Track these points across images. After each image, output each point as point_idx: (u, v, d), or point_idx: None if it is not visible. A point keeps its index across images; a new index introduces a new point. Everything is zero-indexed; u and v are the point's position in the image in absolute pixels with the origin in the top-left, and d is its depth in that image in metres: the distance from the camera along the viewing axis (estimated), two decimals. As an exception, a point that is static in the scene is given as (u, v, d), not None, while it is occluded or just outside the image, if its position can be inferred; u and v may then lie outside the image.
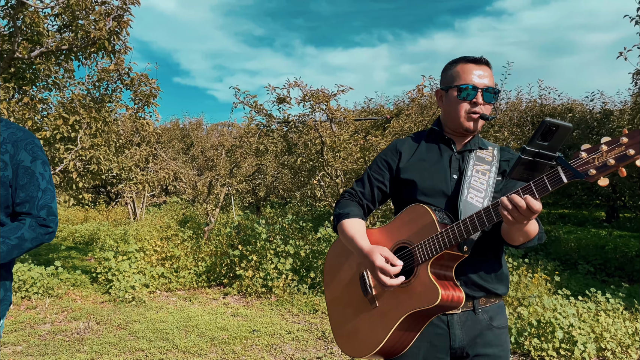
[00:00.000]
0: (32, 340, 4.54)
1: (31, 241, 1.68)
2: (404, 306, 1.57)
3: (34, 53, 6.25)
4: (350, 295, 1.76)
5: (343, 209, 1.78)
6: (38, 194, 1.71)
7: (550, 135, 1.28)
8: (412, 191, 1.69)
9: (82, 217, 15.20)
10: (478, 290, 1.65)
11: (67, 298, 6.16)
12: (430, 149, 1.76)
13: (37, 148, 1.75)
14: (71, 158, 6.10)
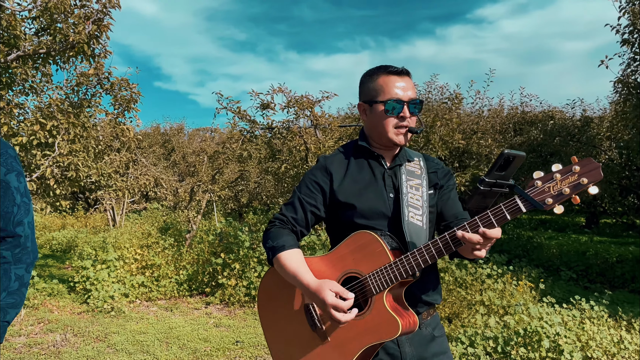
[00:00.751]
0: (6, 353, 4.36)
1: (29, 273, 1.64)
2: (362, 339, 1.49)
3: (11, 57, 6.07)
4: (295, 330, 1.64)
5: (277, 240, 1.62)
6: (14, 210, 1.60)
7: (507, 165, 1.30)
8: (350, 214, 1.62)
9: (59, 223, 14.86)
10: (423, 306, 1.64)
11: (44, 309, 5.97)
12: (361, 167, 1.68)
13: (10, 159, 1.65)
14: (48, 164, 5.92)
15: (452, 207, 1.66)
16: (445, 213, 1.66)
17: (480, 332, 4.03)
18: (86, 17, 6.00)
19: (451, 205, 1.66)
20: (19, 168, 1.67)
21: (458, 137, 6.75)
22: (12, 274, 1.58)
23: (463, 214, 1.66)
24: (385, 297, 1.47)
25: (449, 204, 1.66)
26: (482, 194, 1.32)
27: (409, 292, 1.58)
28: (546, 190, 1.25)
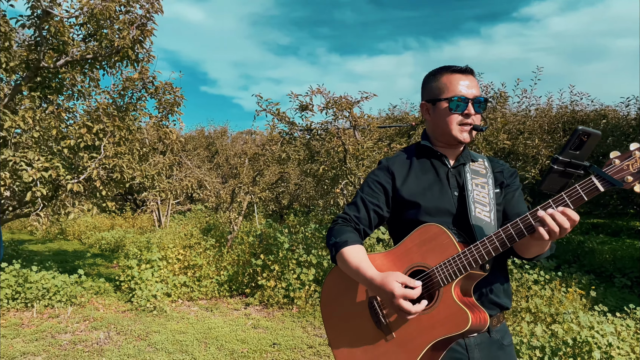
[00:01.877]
0: (52, 350, 4.51)
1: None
2: (430, 333, 1.44)
3: (60, 62, 6.31)
4: (358, 329, 1.61)
5: (339, 236, 1.62)
6: None
7: (582, 144, 1.26)
8: (415, 212, 1.60)
9: (108, 224, 15.38)
10: (494, 307, 1.58)
11: (90, 306, 6.16)
12: (424, 166, 1.67)
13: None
14: (95, 166, 6.11)
15: (515, 206, 1.62)
16: (508, 212, 1.61)
17: (526, 341, 3.84)
18: (130, 23, 6.15)
19: (515, 204, 1.62)
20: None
21: (503, 138, 6.51)
22: None
23: (525, 211, 1.61)
24: (454, 289, 1.42)
25: (513, 203, 1.62)
26: (556, 172, 1.27)
27: (479, 292, 1.54)
28: (625, 168, 1.20)
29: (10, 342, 4.72)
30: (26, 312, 5.79)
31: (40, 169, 5.74)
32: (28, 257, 9.63)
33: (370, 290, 1.55)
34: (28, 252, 11.07)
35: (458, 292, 1.45)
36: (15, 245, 11.84)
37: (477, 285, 1.53)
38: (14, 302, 5.88)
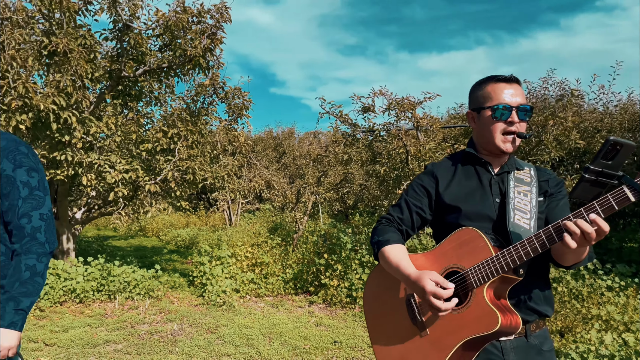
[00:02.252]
0: (131, 339, 4.89)
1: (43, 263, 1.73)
2: (460, 333, 1.50)
3: (139, 71, 6.78)
4: (396, 325, 1.69)
5: (382, 235, 1.71)
6: (18, 202, 1.72)
7: (614, 154, 1.27)
8: (456, 216, 1.65)
9: (184, 222, 16.20)
10: (531, 314, 1.59)
11: (166, 300, 6.57)
12: (468, 173, 1.72)
13: (21, 155, 1.75)
14: (170, 168, 6.52)
15: (558, 214, 1.61)
16: (550, 220, 1.61)
17: (594, 349, 3.70)
18: (202, 32, 6.50)
19: (558, 212, 1.62)
20: (30, 164, 1.76)
21: (575, 137, 6.23)
22: (22, 265, 1.69)
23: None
24: (486, 291, 1.47)
25: (557, 211, 1.63)
26: (588, 181, 1.29)
27: (517, 298, 1.58)
28: None
29: (95, 330, 5.16)
30: (109, 303, 6.29)
31: (121, 171, 6.21)
32: (112, 253, 10.38)
33: (407, 286, 1.62)
34: (112, 247, 11.93)
35: (491, 294, 1.49)
36: (101, 241, 12.80)
37: (515, 291, 1.55)
38: (98, 294, 6.40)
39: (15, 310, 1.64)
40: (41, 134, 5.91)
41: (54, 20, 5.92)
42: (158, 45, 6.95)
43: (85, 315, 5.77)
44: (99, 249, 10.90)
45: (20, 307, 1.65)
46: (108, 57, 6.71)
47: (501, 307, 1.48)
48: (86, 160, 6.04)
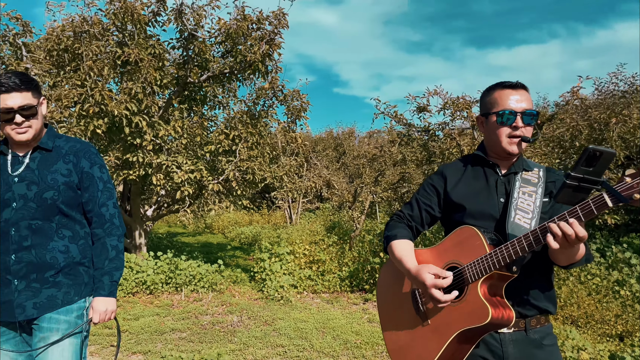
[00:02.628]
0: (194, 328, 5.23)
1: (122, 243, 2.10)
2: (456, 324, 1.59)
3: (203, 77, 7.19)
4: (403, 312, 1.81)
5: (391, 230, 1.85)
6: (98, 194, 2.06)
7: (595, 161, 1.31)
8: (461, 215, 1.74)
9: (247, 220, 16.77)
10: (531, 309, 1.66)
11: (228, 293, 6.92)
12: (476, 174, 1.79)
13: (93, 155, 2.08)
14: (231, 169, 6.87)
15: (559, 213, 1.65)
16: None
17: (653, 355, 3.58)
18: (261, 39, 6.79)
19: (559, 211, 1.66)
20: (101, 162, 2.10)
21: (644, 134, 5.94)
22: (108, 245, 2.05)
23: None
24: (480, 286, 1.56)
25: (557, 210, 1.66)
26: (570, 187, 1.34)
27: (517, 294, 1.65)
28: (635, 187, 1.25)
29: (163, 319, 5.57)
30: (176, 295, 6.72)
31: (187, 171, 6.62)
32: (180, 248, 10.99)
33: (409, 279, 1.73)
34: (181, 243, 12.61)
35: (484, 289, 1.57)
36: (171, 237, 13.55)
37: (516, 288, 1.62)
38: (167, 286, 6.86)
39: (111, 282, 2.02)
40: (115, 137, 6.42)
41: (127, 31, 6.42)
42: (220, 52, 7.33)
43: (154, 305, 6.21)
44: (168, 244, 11.57)
45: (114, 279, 2.03)
46: (175, 64, 7.16)
47: (495, 301, 1.56)
48: (155, 161, 6.50)
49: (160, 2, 6.67)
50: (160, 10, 6.76)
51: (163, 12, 6.78)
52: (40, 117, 1.99)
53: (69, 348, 1.97)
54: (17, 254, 1.93)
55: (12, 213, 1.94)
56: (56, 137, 2.07)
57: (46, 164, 2.01)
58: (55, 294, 1.96)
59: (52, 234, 1.98)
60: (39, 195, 1.95)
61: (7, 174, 1.98)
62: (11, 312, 1.93)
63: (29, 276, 1.94)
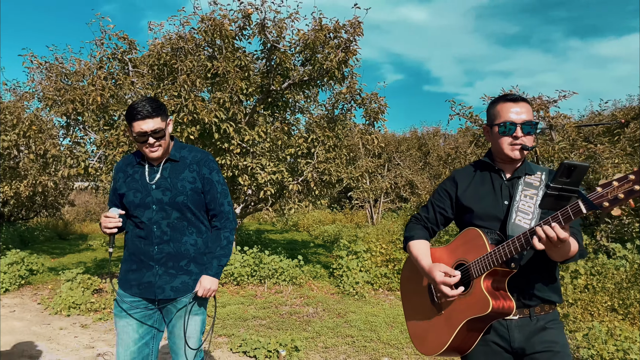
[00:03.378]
0: (273, 317, 5.71)
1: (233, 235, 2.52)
2: (464, 314, 1.82)
3: (284, 85, 7.70)
4: (421, 303, 2.05)
5: (409, 232, 2.12)
6: (217, 196, 2.50)
7: (570, 174, 1.49)
8: (470, 216, 1.96)
9: (331, 219, 17.27)
10: (534, 299, 1.85)
11: (307, 287, 7.37)
12: (484, 179, 1.99)
13: (211, 162, 2.51)
14: (309, 170, 7.31)
15: None
16: None
17: None
18: (337, 47, 7.15)
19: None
20: (217, 167, 2.54)
21: None
22: (222, 236, 2.48)
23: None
24: (483, 281, 1.79)
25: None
26: (552, 196, 1.54)
27: (519, 285, 1.85)
28: (604, 195, 1.42)
29: (246, 307, 6.12)
30: (260, 286, 7.29)
31: (270, 173, 7.16)
32: (267, 244, 11.68)
33: (423, 274, 1.98)
34: (268, 240, 13.35)
35: (488, 283, 1.78)
36: (259, 234, 14.37)
37: (520, 281, 1.83)
38: (252, 278, 7.45)
39: (218, 265, 2.45)
40: (206, 143, 7.10)
41: (216, 46, 7.08)
42: (300, 61, 7.79)
43: (240, 295, 6.81)
44: (256, 240, 12.33)
45: (221, 263, 2.46)
46: (259, 73, 7.73)
47: (497, 294, 1.77)
48: (242, 164, 7.10)
49: (245, 18, 7.25)
50: (246, 25, 7.35)
51: (248, 27, 7.37)
52: (167, 136, 2.42)
53: (193, 323, 2.46)
54: (159, 246, 2.43)
55: (153, 214, 2.42)
56: (181, 149, 2.54)
57: (175, 172, 2.47)
58: (187, 280, 2.44)
59: (185, 230, 2.45)
60: (172, 200, 2.42)
61: (145, 182, 2.46)
62: (152, 291, 2.43)
63: (167, 264, 2.43)
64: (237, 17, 7.23)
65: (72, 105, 6.61)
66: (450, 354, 1.91)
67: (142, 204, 2.44)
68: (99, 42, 7.38)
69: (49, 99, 6.89)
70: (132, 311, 2.46)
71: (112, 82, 7.10)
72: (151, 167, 2.49)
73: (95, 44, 7.44)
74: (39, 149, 7.15)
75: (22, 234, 13.32)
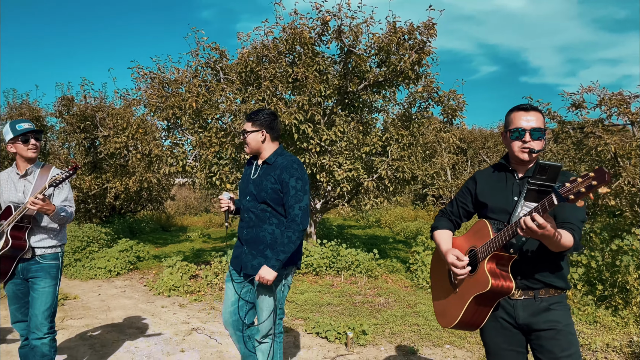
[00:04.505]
0: (347, 305, 6.13)
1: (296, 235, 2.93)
2: (471, 291, 2.12)
3: (360, 86, 8.07)
4: (443, 284, 2.39)
5: (436, 223, 2.48)
6: (289, 199, 2.95)
7: (545, 172, 1.78)
8: (485, 210, 2.26)
9: (413, 215, 17.34)
10: (537, 283, 2.10)
11: (382, 280, 7.71)
12: (500, 178, 2.26)
13: (293, 170, 2.96)
14: (384, 167, 7.63)
15: (561, 212, 2.07)
16: (556, 216, 2.07)
17: None
18: (411, 48, 7.39)
19: (560, 210, 2.06)
20: (298, 174, 2.96)
21: None
22: (285, 236, 2.90)
23: (569, 219, 2.04)
24: (486, 263, 2.09)
25: (559, 209, 2.05)
26: (532, 191, 1.83)
27: (524, 270, 2.13)
28: (571, 190, 1.67)
29: (322, 295, 6.59)
30: (336, 277, 7.74)
31: (346, 170, 7.58)
32: (348, 239, 12.13)
33: (442, 258, 2.31)
34: (350, 235, 13.79)
35: (491, 265, 2.07)
36: (342, 229, 14.86)
37: (525, 266, 2.11)
38: (330, 270, 7.92)
39: (276, 260, 2.89)
40: (287, 142, 7.67)
41: (296, 52, 7.61)
42: (376, 62, 8.12)
43: (318, 284, 7.30)
44: (337, 234, 12.82)
45: (279, 258, 2.87)
46: (337, 76, 8.17)
47: (498, 275, 2.06)
48: (320, 162, 7.58)
49: (324, 25, 7.72)
50: (324, 31, 7.81)
51: (326, 33, 7.82)
52: (251, 140, 3.04)
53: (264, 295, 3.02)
54: (247, 229, 3.06)
55: (247, 202, 3.07)
56: (279, 155, 3.10)
57: (266, 173, 3.05)
58: (263, 262, 2.96)
59: (266, 220, 3.02)
60: (258, 194, 3.01)
61: (249, 176, 3.13)
62: (239, 264, 3.09)
63: (251, 245, 3.04)
64: (316, 24, 7.72)
65: (172, 111, 7.48)
66: (463, 327, 2.23)
67: (243, 193, 3.13)
68: (194, 53, 8.23)
69: (153, 106, 7.82)
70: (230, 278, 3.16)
71: (205, 89, 7.89)
72: (256, 166, 3.13)
73: (191, 55, 8.29)
74: (145, 149, 8.13)
75: (131, 225, 14.88)
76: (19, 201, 3.23)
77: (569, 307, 2.18)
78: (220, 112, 7.67)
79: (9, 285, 3.32)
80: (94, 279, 8.30)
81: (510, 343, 2.20)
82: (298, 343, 4.76)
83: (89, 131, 12.59)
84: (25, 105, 12.84)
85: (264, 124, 3.05)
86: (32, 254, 3.23)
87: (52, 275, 3.27)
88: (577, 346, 2.09)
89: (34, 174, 3.31)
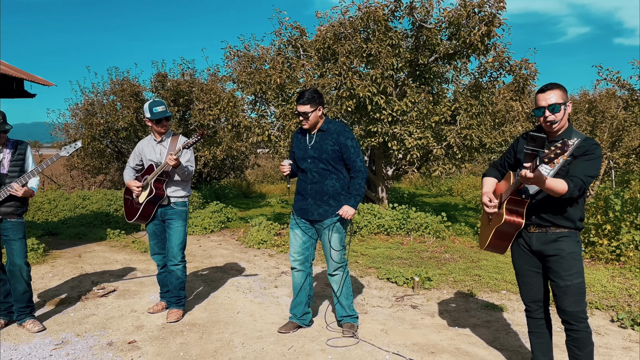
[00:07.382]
0: (414, 259, 6.84)
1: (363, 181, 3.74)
2: (496, 223, 2.80)
3: (431, 59, 8.53)
4: (485, 220, 3.07)
5: (486, 171, 3.12)
6: (351, 156, 3.71)
7: (535, 141, 2.45)
8: (520, 165, 2.83)
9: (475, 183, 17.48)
10: (547, 222, 2.74)
11: (449, 241, 8.30)
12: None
13: (347, 132, 3.73)
14: (452, 136, 8.12)
15: (573, 168, 2.65)
16: (569, 171, 2.65)
17: None
18: (480, 21, 7.74)
19: (572, 168, 2.64)
20: (351, 135, 3.73)
21: None
22: (356, 182, 3.71)
23: (575, 172, 2.62)
24: (505, 203, 2.76)
25: (571, 167, 2.65)
26: (528, 154, 2.48)
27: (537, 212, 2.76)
28: (547, 155, 2.28)
29: (393, 251, 7.33)
30: (406, 237, 8.43)
31: (416, 139, 8.15)
32: (419, 205, 12.70)
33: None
34: (421, 202, 14.34)
35: (509, 205, 2.73)
36: (413, 197, 15.41)
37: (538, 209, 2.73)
38: (400, 230, 8.62)
39: (354, 200, 3.73)
40: (362, 113, 8.35)
41: (370, 29, 8.19)
42: (447, 36, 8.52)
43: (389, 242, 8.04)
44: (408, 201, 13.42)
45: (356, 199, 3.74)
46: (408, 50, 8.67)
47: (512, 213, 2.72)
48: (391, 131, 8.21)
49: (396, 1, 8.22)
50: (397, 7, 8.31)
51: (399, 9, 8.32)
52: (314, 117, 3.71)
53: (335, 235, 3.78)
54: (311, 185, 3.82)
55: (308, 164, 3.81)
56: (329, 123, 3.84)
57: (322, 138, 3.80)
58: (327, 209, 3.78)
59: (327, 176, 3.78)
60: (320, 156, 3.77)
61: (305, 144, 3.86)
62: (306, 214, 3.86)
63: (316, 197, 3.81)
64: (389, 1, 8.23)
65: (259, 87, 8.37)
66: (492, 249, 2.94)
67: (303, 157, 3.84)
68: (277, 33, 9.04)
69: (241, 82, 8.77)
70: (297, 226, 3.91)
71: (287, 66, 8.70)
72: (310, 135, 3.85)
73: (275, 34, 9.11)
74: (235, 120, 9.14)
75: (216, 191, 16.30)
76: (157, 161, 4.22)
77: (578, 241, 2.77)
78: (301, 86, 8.45)
79: (150, 226, 4.36)
80: (192, 235, 9.54)
81: (530, 265, 2.89)
82: (371, 285, 5.56)
83: (181, 104, 13.93)
84: (126, 81, 14.33)
85: (319, 102, 3.73)
86: (168, 201, 4.22)
87: (183, 217, 4.27)
88: (579, 268, 2.69)
89: (167, 141, 4.28)
